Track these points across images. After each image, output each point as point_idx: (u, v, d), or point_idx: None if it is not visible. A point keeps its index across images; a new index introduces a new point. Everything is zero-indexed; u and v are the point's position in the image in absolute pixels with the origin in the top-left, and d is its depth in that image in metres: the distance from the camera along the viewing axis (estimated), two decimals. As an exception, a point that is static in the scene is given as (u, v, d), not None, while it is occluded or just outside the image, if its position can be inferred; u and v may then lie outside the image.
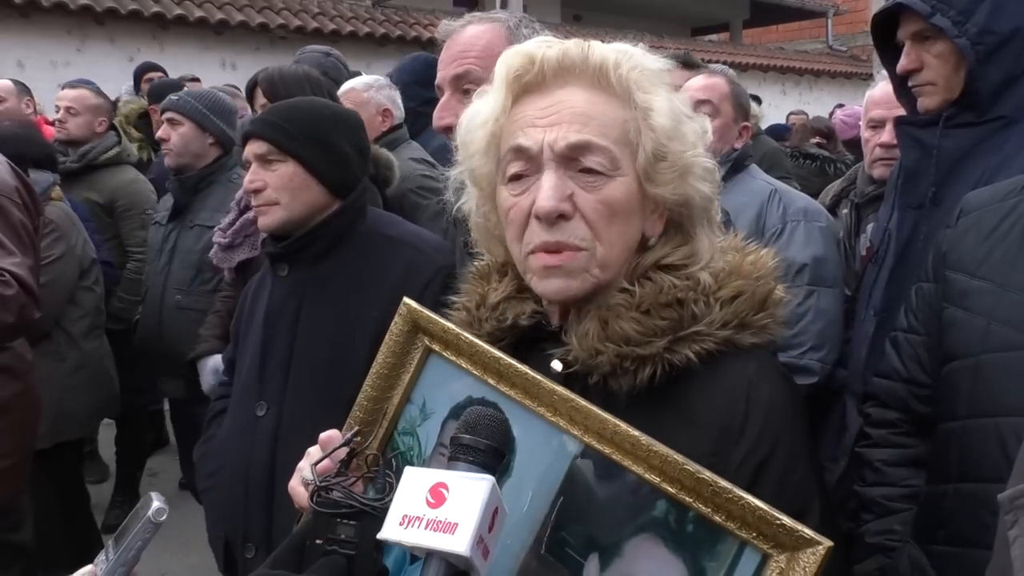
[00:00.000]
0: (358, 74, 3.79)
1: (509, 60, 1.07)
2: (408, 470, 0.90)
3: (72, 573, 0.99)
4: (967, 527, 1.29)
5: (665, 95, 1.06)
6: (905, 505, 1.50)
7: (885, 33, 1.95)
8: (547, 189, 1.01)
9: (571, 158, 1.02)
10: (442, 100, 1.73)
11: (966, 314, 1.36)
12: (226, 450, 1.88)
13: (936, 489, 1.39)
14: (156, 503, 0.99)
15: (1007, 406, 1.26)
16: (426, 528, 0.84)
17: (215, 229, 2.86)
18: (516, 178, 1.05)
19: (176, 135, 3.28)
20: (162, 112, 3.41)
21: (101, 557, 1.02)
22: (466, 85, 1.66)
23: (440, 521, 0.84)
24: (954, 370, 1.36)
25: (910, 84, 1.90)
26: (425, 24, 11.30)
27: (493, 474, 0.89)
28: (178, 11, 9.16)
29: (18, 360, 2.60)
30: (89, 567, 1.01)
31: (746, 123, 2.71)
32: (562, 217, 1.01)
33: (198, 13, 9.30)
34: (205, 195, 3.31)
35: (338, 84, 3.88)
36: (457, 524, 0.83)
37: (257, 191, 1.85)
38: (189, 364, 3.09)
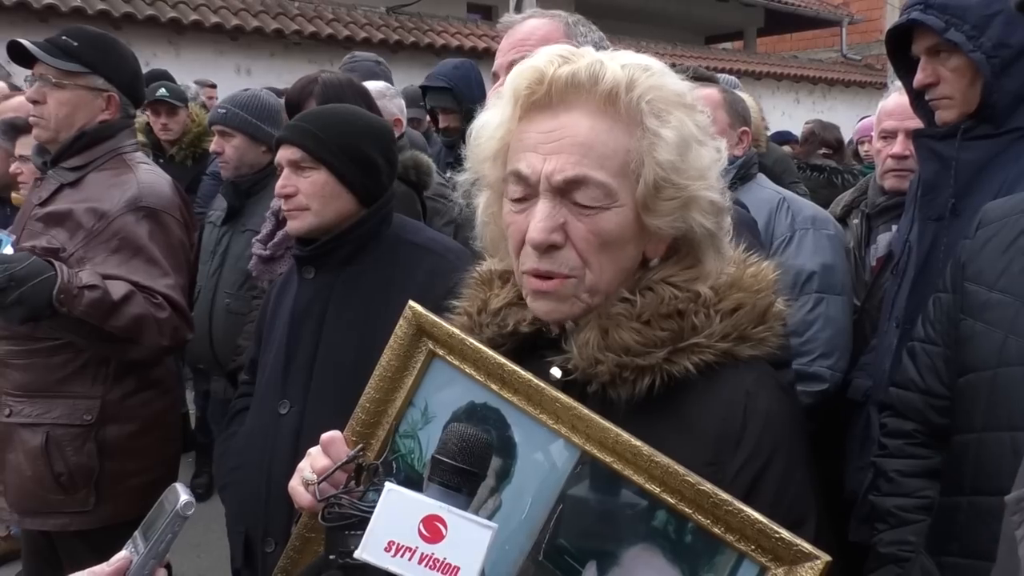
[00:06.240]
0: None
1: (520, 75, 1.05)
2: (389, 490, 0.86)
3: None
4: (981, 540, 1.28)
5: (678, 121, 1.03)
6: (919, 516, 1.49)
7: (900, 45, 1.95)
8: (538, 220, 1.01)
9: (566, 190, 1.02)
10: (495, 86, 1.79)
11: (984, 327, 1.35)
12: (248, 447, 1.90)
13: (950, 501, 1.38)
14: (183, 496, 0.99)
15: (1024, 420, 1.25)
16: (420, 563, 0.82)
17: (254, 240, 2.82)
18: (518, 198, 1.06)
19: (230, 148, 3.28)
20: (211, 125, 3.42)
21: (130, 547, 1.02)
22: None
23: (438, 560, 0.82)
24: (971, 382, 1.36)
25: (927, 98, 1.90)
26: (439, 31, 11.35)
27: (472, 497, 0.88)
28: (194, 17, 9.25)
29: (168, 374, 2.62)
30: (124, 553, 1.01)
31: (745, 128, 2.69)
32: (553, 247, 1.02)
33: (213, 19, 9.39)
34: (258, 199, 3.30)
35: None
36: (459, 568, 0.82)
37: (288, 196, 1.88)
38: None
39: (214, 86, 6.88)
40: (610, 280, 1.05)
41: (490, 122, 1.10)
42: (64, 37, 2.40)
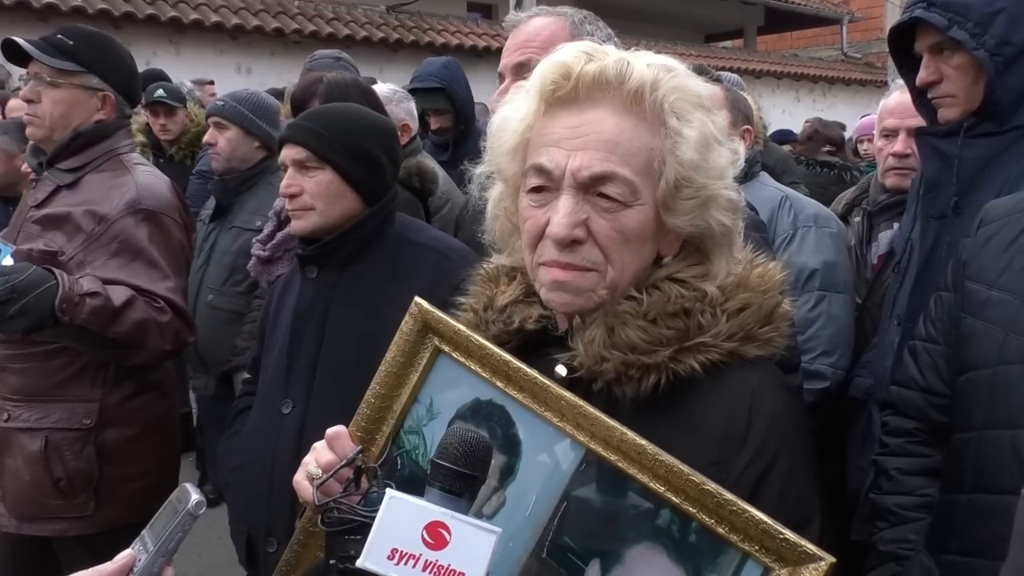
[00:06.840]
0: (371, 80, 3.77)
1: (546, 70, 1.05)
2: (391, 497, 0.85)
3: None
4: (980, 538, 1.28)
5: (699, 121, 1.04)
6: (920, 514, 1.49)
7: (902, 43, 1.95)
8: (562, 215, 1.01)
9: (591, 185, 1.02)
10: (503, 86, 1.80)
11: (984, 325, 1.35)
12: (251, 446, 1.90)
13: (949, 499, 1.38)
14: (194, 496, 0.99)
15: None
16: (424, 570, 0.82)
17: (254, 241, 2.81)
18: (537, 190, 1.06)
19: (223, 140, 3.28)
20: (207, 117, 3.43)
21: (137, 545, 1.02)
22: (526, 73, 1.75)
23: (442, 566, 0.82)
24: (971, 381, 1.36)
25: (929, 96, 1.90)
26: (439, 30, 11.34)
27: (472, 500, 0.88)
28: (194, 16, 9.24)
29: (167, 377, 2.59)
30: (129, 551, 1.02)
31: (748, 126, 2.69)
32: (575, 242, 1.02)
33: (214, 18, 9.38)
34: (245, 197, 3.31)
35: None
36: (464, 574, 0.82)
37: (293, 196, 1.87)
38: (221, 362, 3.10)
39: (212, 83, 6.86)
40: (629, 277, 1.05)
41: (512, 116, 1.10)
42: (59, 36, 2.36)
